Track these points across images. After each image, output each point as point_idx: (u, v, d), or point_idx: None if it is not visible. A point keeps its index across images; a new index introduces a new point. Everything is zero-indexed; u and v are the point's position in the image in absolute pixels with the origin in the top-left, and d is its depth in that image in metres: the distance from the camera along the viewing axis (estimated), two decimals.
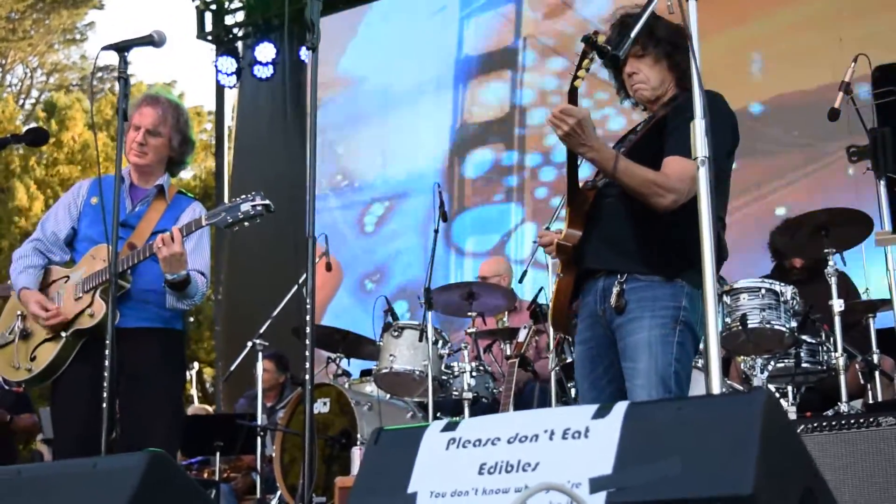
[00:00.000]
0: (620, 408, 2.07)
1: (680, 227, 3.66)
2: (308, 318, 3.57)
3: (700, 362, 5.92)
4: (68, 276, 4.76)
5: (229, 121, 14.71)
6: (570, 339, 6.90)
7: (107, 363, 3.99)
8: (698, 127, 2.82)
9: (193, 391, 10.19)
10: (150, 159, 4.84)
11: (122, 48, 4.26)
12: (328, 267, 7.53)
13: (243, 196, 4.49)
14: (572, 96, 3.65)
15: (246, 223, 4.45)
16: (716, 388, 2.60)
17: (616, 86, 4.11)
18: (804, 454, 2.05)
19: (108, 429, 3.91)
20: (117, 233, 4.21)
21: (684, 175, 3.55)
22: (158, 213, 4.75)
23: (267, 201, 4.43)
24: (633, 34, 2.94)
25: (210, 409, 12.95)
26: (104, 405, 3.95)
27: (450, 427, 2.26)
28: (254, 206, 4.42)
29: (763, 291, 5.87)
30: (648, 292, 3.76)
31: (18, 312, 4.83)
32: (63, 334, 4.65)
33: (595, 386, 3.95)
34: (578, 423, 2.08)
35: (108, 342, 4.01)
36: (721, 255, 3.81)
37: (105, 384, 3.97)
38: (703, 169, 2.81)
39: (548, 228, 6.39)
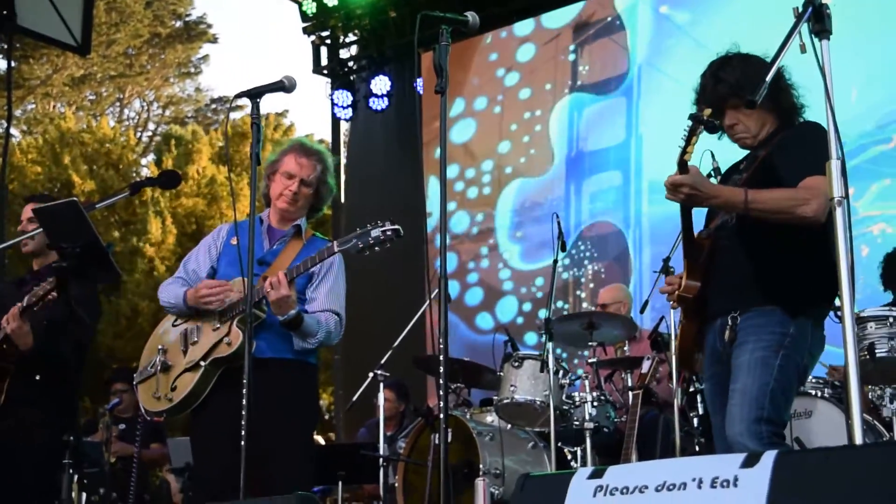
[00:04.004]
0: (769, 457, 2.08)
1: (799, 263, 3.82)
2: (442, 357, 3.63)
3: (826, 391, 5.87)
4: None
5: (345, 151, 14.92)
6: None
7: (244, 401, 4.09)
8: (834, 168, 2.81)
9: None
10: (299, 206, 5.00)
11: (254, 94, 4.37)
12: (448, 298, 7.57)
13: (373, 223, 4.62)
14: (683, 168, 3.77)
15: (377, 248, 4.59)
16: (858, 438, 2.57)
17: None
18: None
19: (247, 465, 4.01)
20: (253, 266, 4.35)
21: (819, 184, 3.55)
22: (294, 251, 4.86)
23: (397, 226, 4.58)
24: (767, 79, 2.94)
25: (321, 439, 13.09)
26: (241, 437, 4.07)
27: (597, 474, 2.29)
28: (384, 232, 4.57)
29: (891, 320, 5.74)
30: (758, 320, 3.88)
31: (160, 346, 4.99)
32: (202, 363, 4.78)
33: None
34: (727, 471, 2.10)
35: (244, 380, 4.11)
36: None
37: (243, 422, 4.07)
38: (840, 210, 2.80)
39: (667, 259, 6.45)
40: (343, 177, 14.40)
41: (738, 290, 3.94)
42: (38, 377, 5.40)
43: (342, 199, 14.14)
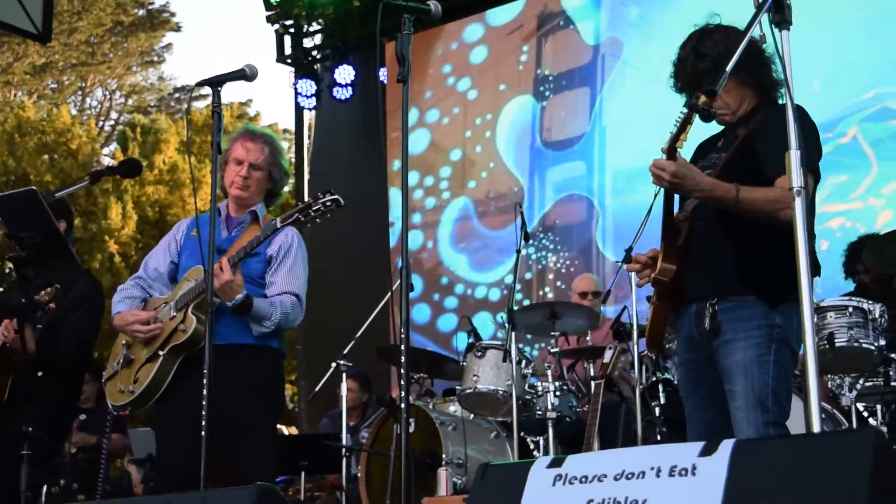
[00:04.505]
0: (727, 446, 2.09)
1: (774, 246, 3.70)
2: (403, 347, 3.63)
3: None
4: (167, 302, 4.90)
5: (309, 141, 14.88)
6: (654, 358, 6.90)
7: (205, 391, 4.08)
8: (794, 158, 2.82)
9: None
10: (252, 192, 4.99)
11: (215, 83, 4.36)
12: (411, 287, 7.56)
13: (313, 196, 4.68)
14: (671, 156, 3.70)
15: (318, 220, 4.63)
16: (816, 426, 2.59)
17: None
18: None
19: (207, 455, 4.00)
20: (213, 254, 4.36)
21: None
22: (252, 235, 4.84)
23: (336, 196, 4.61)
24: (728, 69, 2.94)
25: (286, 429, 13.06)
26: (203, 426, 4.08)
27: (556, 463, 2.29)
28: (324, 204, 4.60)
29: (850, 309, 5.80)
30: (741, 312, 3.80)
31: (123, 342, 4.98)
32: (160, 353, 4.76)
33: (699, 406, 4.02)
34: (685, 460, 2.10)
35: (205, 371, 4.10)
36: (815, 271, 3.82)
37: (203, 413, 4.06)
38: (799, 199, 2.81)
39: (630, 249, 6.46)
40: (307, 166, 14.39)
41: (715, 275, 3.87)
42: (39, 374, 5.51)
43: (306, 188, 14.11)
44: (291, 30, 13.92)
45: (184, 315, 4.75)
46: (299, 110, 14.12)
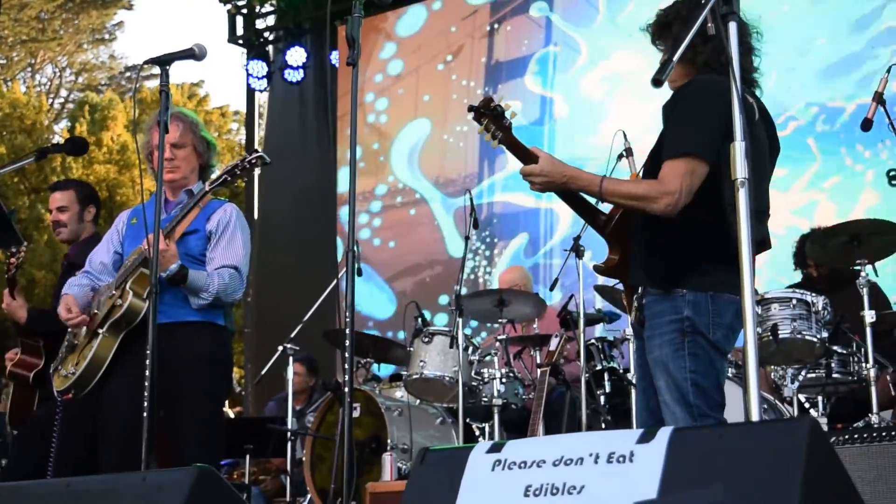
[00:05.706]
0: (664, 433, 2.10)
1: (673, 233, 3.70)
2: (348, 331, 3.62)
3: (729, 371, 5.95)
4: (110, 286, 4.89)
5: (261, 123, 14.79)
6: (600, 346, 6.94)
7: (147, 373, 4.06)
8: (738, 149, 2.83)
9: None
10: (183, 171, 5.00)
11: (164, 61, 4.34)
12: (359, 272, 7.55)
13: (242, 156, 4.78)
14: (513, 146, 3.81)
15: (244, 176, 4.79)
16: (755, 415, 2.61)
17: None
18: (847, 482, 2.08)
19: (149, 437, 3.98)
20: (159, 232, 4.36)
21: (673, 175, 3.60)
22: (191, 215, 4.82)
23: (261, 154, 4.74)
24: (675, 58, 2.93)
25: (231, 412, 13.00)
26: (145, 406, 4.06)
27: (495, 448, 2.30)
28: (249, 162, 4.70)
29: (794, 302, 5.86)
30: (655, 308, 3.80)
31: (69, 329, 5.00)
32: (99, 331, 4.75)
33: (644, 394, 4.05)
34: (623, 447, 2.12)
35: (148, 351, 4.08)
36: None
37: (146, 393, 4.04)
38: (743, 191, 2.81)
39: (578, 237, 6.49)
40: (258, 148, 14.31)
41: (636, 265, 3.89)
42: None
43: (256, 169, 14.00)
44: (244, 10, 13.81)
45: (121, 291, 4.74)
46: (251, 92, 14.02)
